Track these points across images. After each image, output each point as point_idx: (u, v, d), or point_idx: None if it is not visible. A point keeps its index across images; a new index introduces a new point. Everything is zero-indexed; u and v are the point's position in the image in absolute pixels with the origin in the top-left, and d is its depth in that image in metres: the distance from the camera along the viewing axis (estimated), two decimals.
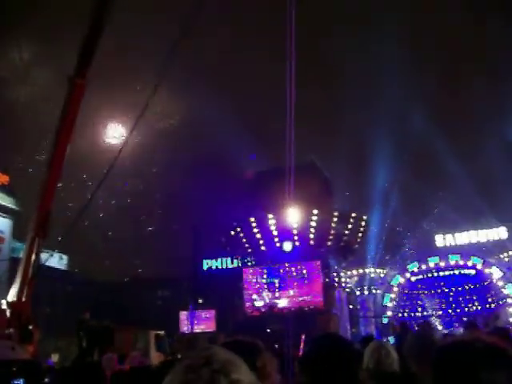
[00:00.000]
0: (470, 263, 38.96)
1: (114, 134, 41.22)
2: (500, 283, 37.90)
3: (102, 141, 46.56)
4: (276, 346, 16.25)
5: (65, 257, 44.82)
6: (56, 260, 41.42)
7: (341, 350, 3.03)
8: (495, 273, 38.17)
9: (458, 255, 38.93)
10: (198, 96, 59.07)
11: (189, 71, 51.15)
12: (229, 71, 62.39)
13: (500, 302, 37.65)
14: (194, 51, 43.65)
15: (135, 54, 58.12)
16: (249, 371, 1.44)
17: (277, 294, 30.64)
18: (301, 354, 3.28)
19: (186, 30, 9.51)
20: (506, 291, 37.38)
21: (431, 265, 39.83)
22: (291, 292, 30.21)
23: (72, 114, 13.20)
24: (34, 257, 13.32)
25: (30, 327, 12.92)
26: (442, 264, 39.54)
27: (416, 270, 40.30)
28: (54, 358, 23.71)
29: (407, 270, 40.37)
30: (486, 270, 38.54)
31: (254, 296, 31.31)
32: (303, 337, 16.35)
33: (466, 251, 39.36)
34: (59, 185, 13.97)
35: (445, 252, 40.10)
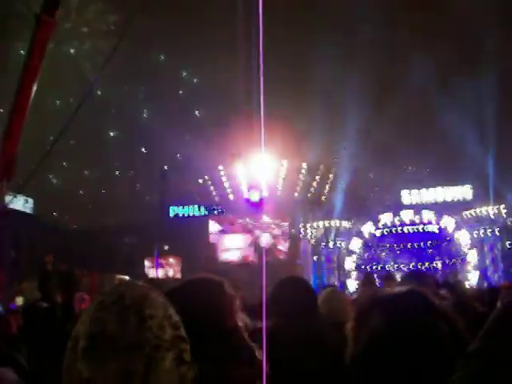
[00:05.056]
0: (433, 220, 39.67)
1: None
2: (462, 242, 38.74)
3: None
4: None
5: (30, 200, 44.30)
6: (21, 203, 40.98)
7: (304, 289, 3.11)
8: (458, 231, 38.97)
9: (422, 211, 39.63)
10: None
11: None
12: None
13: (460, 260, 38.55)
14: None
15: None
16: (165, 304, 1.42)
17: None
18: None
19: None
20: (465, 249, 38.27)
21: (396, 220, 40.42)
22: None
23: (38, 54, 12.88)
24: None
25: None
26: (407, 220, 40.16)
27: (381, 224, 40.86)
28: (18, 301, 23.70)
29: (372, 225, 40.90)
30: (450, 228, 39.28)
31: (221, 246, 31.50)
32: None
33: (431, 208, 39.99)
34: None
35: (411, 208, 40.66)
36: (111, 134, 64.88)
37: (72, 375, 1.32)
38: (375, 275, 30.44)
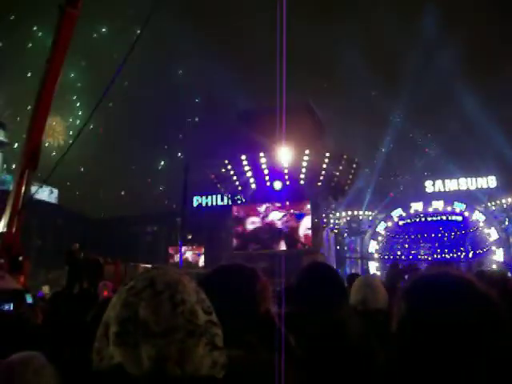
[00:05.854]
0: (457, 209, 39.40)
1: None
2: (486, 231, 38.44)
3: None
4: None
5: (55, 191, 44.80)
6: (46, 194, 41.47)
7: (330, 277, 3.10)
8: (482, 220, 38.67)
9: (443, 201, 39.39)
10: (187, 34, 58.15)
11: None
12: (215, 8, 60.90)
13: (484, 250, 38.25)
14: None
15: None
16: (197, 289, 1.40)
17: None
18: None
19: None
20: (490, 239, 37.96)
21: (419, 210, 40.25)
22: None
23: (62, 44, 12.98)
24: (23, 189, 13.33)
25: (20, 258, 13.04)
26: (430, 209, 39.95)
27: (404, 214, 40.70)
28: (45, 289, 24.01)
29: (394, 214, 40.76)
30: (473, 217, 39.00)
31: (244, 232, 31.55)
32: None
33: (455, 198, 39.70)
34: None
35: (434, 198, 40.41)
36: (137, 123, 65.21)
37: (103, 360, 1.33)
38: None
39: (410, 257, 39.83)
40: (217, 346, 1.36)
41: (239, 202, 31.97)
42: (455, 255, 39.78)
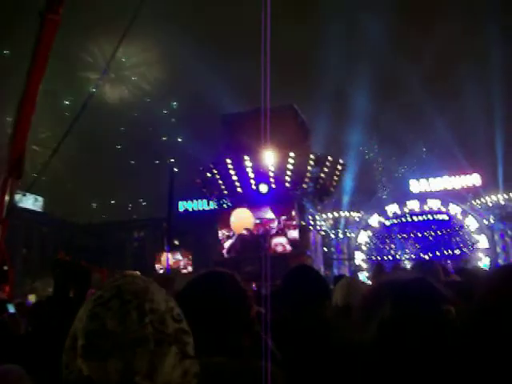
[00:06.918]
0: (442, 209, 39.62)
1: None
2: (471, 229, 38.67)
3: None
4: (253, 285, 16.45)
5: (40, 198, 44.54)
6: (31, 202, 41.22)
7: (312, 279, 3.13)
8: (467, 218, 38.89)
9: (428, 200, 39.66)
10: (173, 37, 58.12)
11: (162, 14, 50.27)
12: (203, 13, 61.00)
13: (470, 248, 38.46)
14: None
15: None
16: (166, 297, 1.36)
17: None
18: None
19: None
20: (476, 237, 38.19)
21: (405, 209, 40.43)
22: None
23: (44, 52, 12.85)
24: (7, 198, 13.20)
25: (5, 268, 12.92)
26: (416, 209, 40.15)
27: (390, 214, 40.86)
28: (31, 298, 23.85)
29: (381, 214, 40.91)
30: (458, 216, 39.23)
31: (229, 239, 31.49)
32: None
33: (440, 197, 39.92)
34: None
35: (419, 197, 40.62)
36: (121, 128, 64.96)
37: (71, 373, 1.30)
38: (386, 265, 30.47)
39: (397, 256, 39.94)
40: (188, 354, 1.33)
41: (225, 206, 31.92)
42: (442, 254, 39.95)
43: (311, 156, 29.44)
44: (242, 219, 26.01)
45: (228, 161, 29.33)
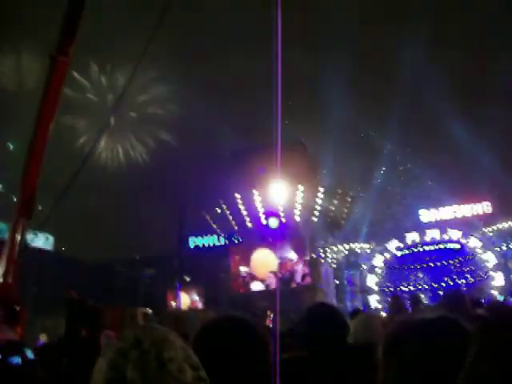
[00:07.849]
0: (454, 237, 39.35)
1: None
2: (484, 257, 38.34)
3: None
4: (269, 323, 16.33)
5: (51, 237, 44.70)
6: (42, 241, 41.39)
7: (334, 317, 3.08)
8: (479, 246, 38.59)
9: (439, 229, 39.44)
10: (180, 75, 58.87)
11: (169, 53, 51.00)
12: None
13: (483, 276, 38.10)
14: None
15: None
16: (184, 346, 1.37)
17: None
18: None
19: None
20: (489, 265, 37.84)
21: (416, 239, 40.16)
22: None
23: (54, 93, 13.02)
24: (18, 237, 13.22)
25: (18, 308, 12.86)
26: (427, 239, 39.89)
27: (401, 245, 40.58)
28: (43, 337, 23.69)
29: (391, 246, 40.63)
30: (470, 244, 38.94)
31: (242, 272, 31.39)
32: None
33: (451, 225, 39.69)
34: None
35: (430, 227, 40.39)
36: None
37: None
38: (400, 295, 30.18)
39: (411, 287, 39.59)
40: None
41: (236, 241, 31.92)
42: (455, 283, 39.57)
43: (320, 189, 29.49)
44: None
45: (237, 196, 29.42)
